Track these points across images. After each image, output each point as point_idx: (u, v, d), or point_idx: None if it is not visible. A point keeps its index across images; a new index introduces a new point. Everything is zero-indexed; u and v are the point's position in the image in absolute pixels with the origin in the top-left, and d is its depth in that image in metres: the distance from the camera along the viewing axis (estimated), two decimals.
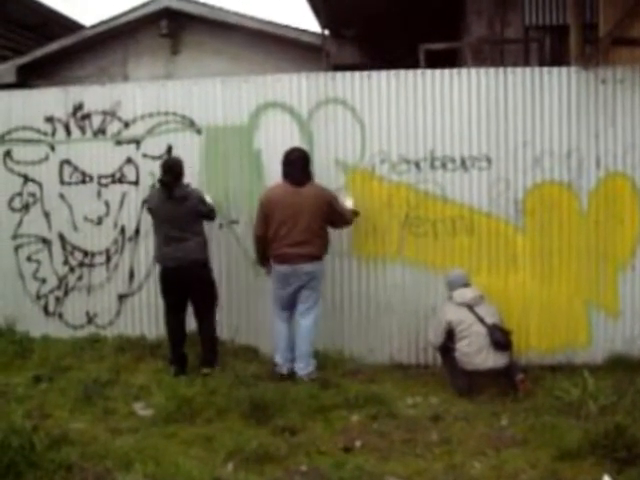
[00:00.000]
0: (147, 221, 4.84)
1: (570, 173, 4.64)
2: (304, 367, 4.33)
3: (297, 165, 4.34)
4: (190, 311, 4.53)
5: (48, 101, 5.17)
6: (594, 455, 3.10)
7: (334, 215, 4.38)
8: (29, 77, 8.14)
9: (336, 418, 3.73)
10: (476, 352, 4.08)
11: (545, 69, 4.72)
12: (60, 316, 5.24)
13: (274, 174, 4.63)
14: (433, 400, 4.06)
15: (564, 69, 4.67)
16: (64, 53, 8.21)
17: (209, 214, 4.59)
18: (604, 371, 4.29)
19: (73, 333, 5.17)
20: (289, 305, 4.43)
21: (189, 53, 8.21)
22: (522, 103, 4.65)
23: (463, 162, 4.70)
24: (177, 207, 4.36)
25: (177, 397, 3.81)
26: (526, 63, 6.07)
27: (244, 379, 4.18)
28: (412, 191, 4.74)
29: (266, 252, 4.43)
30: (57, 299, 5.24)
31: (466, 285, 4.35)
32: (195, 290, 4.44)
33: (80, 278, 5.20)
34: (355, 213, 4.59)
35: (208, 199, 4.66)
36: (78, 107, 5.13)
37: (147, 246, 5.00)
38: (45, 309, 5.26)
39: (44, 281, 5.25)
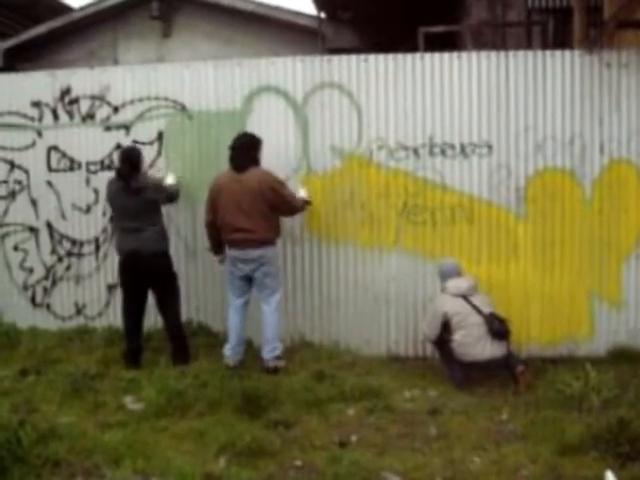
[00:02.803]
0: None
1: (573, 160, 4.57)
2: (270, 350, 4.31)
3: (240, 150, 4.32)
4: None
5: (35, 85, 5.06)
6: (596, 450, 3.05)
7: (278, 200, 4.30)
8: (16, 61, 8.06)
9: (331, 412, 3.67)
10: (474, 343, 4.01)
11: (548, 53, 4.64)
12: (48, 307, 5.17)
13: (267, 160, 4.54)
14: (431, 393, 3.99)
15: (567, 53, 4.58)
16: (52, 36, 8.13)
17: (168, 199, 4.55)
18: (607, 364, 4.23)
19: (61, 324, 5.10)
20: (241, 292, 4.40)
21: (180, 36, 8.12)
22: (524, 88, 4.57)
23: (463, 149, 4.62)
24: (133, 198, 4.32)
25: (168, 390, 3.74)
26: (528, 46, 6.00)
27: (236, 371, 4.14)
28: (410, 179, 4.66)
29: (219, 239, 4.43)
30: (45, 289, 5.16)
31: (459, 275, 4.27)
32: (154, 282, 4.41)
33: (68, 268, 5.12)
34: (307, 202, 4.54)
35: (171, 180, 4.62)
36: (66, 91, 5.02)
37: None
38: (32, 300, 5.19)
39: (31, 271, 5.17)
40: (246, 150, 4.32)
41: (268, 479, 2.95)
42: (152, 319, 4.71)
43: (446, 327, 4.11)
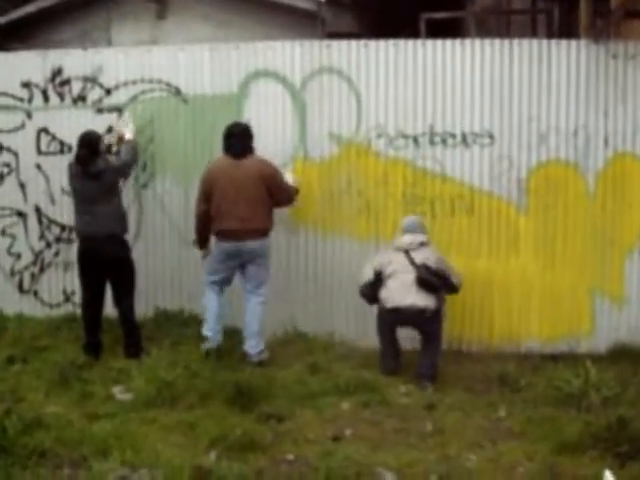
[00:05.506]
0: (128, 195, 4.70)
1: (577, 152, 4.51)
2: (255, 345, 4.26)
3: (238, 138, 4.25)
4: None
5: (25, 65, 4.95)
6: (595, 449, 3.01)
7: (277, 189, 4.26)
8: (6, 40, 7.90)
9: (325, 405, 3.63)
10: (399, 289, 4.02)
11: (553, 42, 4.57)
12: (35, 294, 5.08)
13: (264, 146, 4.47)
14: (427, 388, 3.94)
15: (573, 42, 4.52)
16: (43, 15, 7.99)
17: (128, 169, 4.52)
18: (607, 361, 4.19)
19: (49, 312, 5.02)
20: (224, 281, 4.37)
21: (176, 18, 7.99)
22: (528, 77, 4.50)
23: (464, 138, 4.55)
24: (91, 183, 4.28)
25: (158, 381, 3.67)
26: (533, 35, 5.95)
27: (228, 362, 4.09)
28: (409, 168, 4.60)
29: (207, 231, 4.34)
30: (32, 276, 5.07)
31: (414, 232, 4.21)
32: (109, 267, 4.35)
33: (57, 254, 5.03)
34: (296, 190, 4.46)
35: (129, 134, 4.56)
36: (57, 72, 4.92)
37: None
38: (20, 286, 5.09)
39: (19, 257, 5.07)
40: (244, 137, 4.27)
41: (259, 473, 2.89)
42: (143, 307, 4.63)
43: (380, 280, 4.10)
